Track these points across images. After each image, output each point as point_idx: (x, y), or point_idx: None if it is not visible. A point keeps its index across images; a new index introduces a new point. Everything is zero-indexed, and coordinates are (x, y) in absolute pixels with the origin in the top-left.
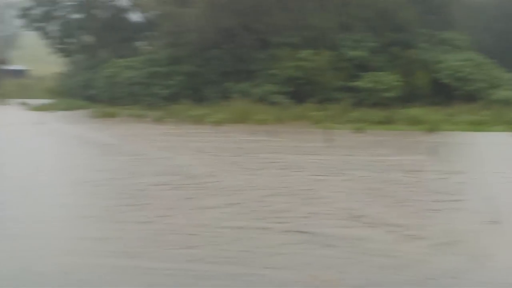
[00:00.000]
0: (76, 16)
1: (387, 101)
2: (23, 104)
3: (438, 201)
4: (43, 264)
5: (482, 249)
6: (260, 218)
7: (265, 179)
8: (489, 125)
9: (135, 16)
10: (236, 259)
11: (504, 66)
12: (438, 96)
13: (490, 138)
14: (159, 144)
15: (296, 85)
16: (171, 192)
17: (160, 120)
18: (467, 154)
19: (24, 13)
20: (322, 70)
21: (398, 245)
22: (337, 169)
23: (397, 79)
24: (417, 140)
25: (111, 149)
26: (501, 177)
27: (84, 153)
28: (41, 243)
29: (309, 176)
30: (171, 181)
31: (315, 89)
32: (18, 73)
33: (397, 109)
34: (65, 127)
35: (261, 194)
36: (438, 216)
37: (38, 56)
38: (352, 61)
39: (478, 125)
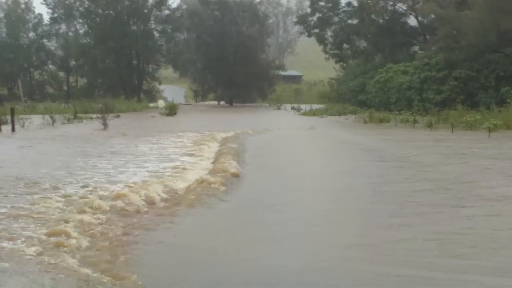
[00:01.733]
0: (352, 21)
1: None
2: (295, 109)
3: None
4: (302, 267)
5: None
6: None
7: None
8: None
9: (411, 21)
10: None
11: None
12: None
13: None
14: (429, 150)
15: None
16: (436, 197)
17: (431, 126)
18: None
19: (302, 20)
20: None
21: None
22: None
23: None
24: None
25: (379, 154)
26: None
27: (351, 157)
28: (304, 247)
29: None
30: (437, 188)
31: None
32: (292, 79)
33: None
34: (335, 132)
35: None
36: None
37: (311, 61)
38: None
39: None
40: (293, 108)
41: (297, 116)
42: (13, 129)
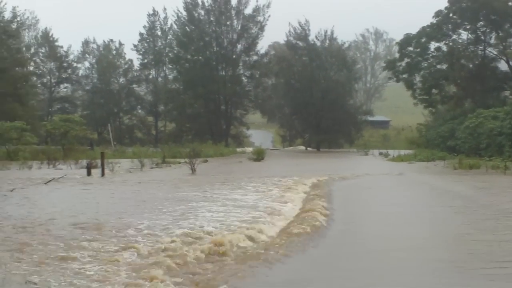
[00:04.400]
0: (441, 66)
1: None
2: (383, 154)
3: None
4: None
5: None
6: None
7: None
8: None
9: (501, 65)
10: None
11: None
12: None
13: None
14: None
15: None
16: None
17: None
18: None
19: (390, 65)
20: None
21: None
22: None
23: None
24: None
25: (469, 202)
26: None
27: (441, 205)
28: None
29: None
30: None
31: None
32: (380, 124)
33: None
34: (424, 178)
35: None
36: None
37: (399, 107)
38: None
39: None
40: (381, 154)
41: (385, 161)
42: (102, 173)
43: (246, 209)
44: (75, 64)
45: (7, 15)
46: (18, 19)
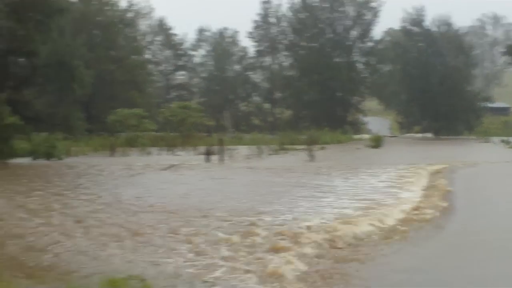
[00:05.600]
0: None
1: None
2: (504, 141)
3: None
4: None
5: None
6: None
7: None
8: None
9: None
10: None
11: None
12: None
13: None
14: None
15: None
16: None
17: None
18: None
19: (510, 50)
20: None
21: None
22: None
23: None
24: None
25: None
26: None
27: None
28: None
29: None
30: None
31: None
32: (500, 111)
33: None
34: None
35: None
36: None
37: None
38: None
39: None
40: (502, 141)
41: (507, 149)
42: (222, 160)
43: (367, 196)
44: (190, 52)
45: (123, 4)
46: (134, 8)
